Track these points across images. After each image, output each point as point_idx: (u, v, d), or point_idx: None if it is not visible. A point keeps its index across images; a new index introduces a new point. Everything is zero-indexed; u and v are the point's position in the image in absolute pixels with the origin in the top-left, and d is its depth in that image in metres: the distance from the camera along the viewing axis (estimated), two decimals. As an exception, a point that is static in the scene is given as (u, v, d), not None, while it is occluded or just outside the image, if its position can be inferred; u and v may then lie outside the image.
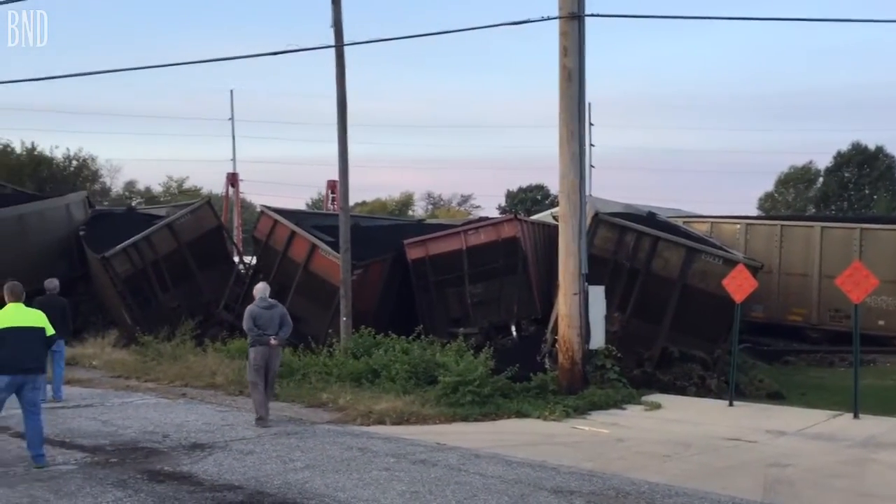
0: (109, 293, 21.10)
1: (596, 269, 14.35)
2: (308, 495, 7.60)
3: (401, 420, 11.41)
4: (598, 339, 13.70)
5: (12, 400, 8.82)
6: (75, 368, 15.25)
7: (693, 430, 10.95)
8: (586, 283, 13.55)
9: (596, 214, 16.34)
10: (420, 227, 24.86)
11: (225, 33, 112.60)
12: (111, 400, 13.04)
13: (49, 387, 12.87)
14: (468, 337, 16.71)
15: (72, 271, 22.75)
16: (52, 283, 13.48)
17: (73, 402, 12.63)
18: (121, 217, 26.06)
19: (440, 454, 9.36)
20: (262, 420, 11.16)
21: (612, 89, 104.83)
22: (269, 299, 11.68)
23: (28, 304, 20.81)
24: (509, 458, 9.12)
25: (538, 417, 11.68)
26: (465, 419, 11.59)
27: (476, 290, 19.94)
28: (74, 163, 47.68)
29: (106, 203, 43.17)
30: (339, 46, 15.74)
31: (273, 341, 11.32)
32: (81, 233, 23.15)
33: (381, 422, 11.32)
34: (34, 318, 9.05)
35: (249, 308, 11.58)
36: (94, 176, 51.01)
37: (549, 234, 22.90)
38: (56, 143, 63.65)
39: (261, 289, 11.83)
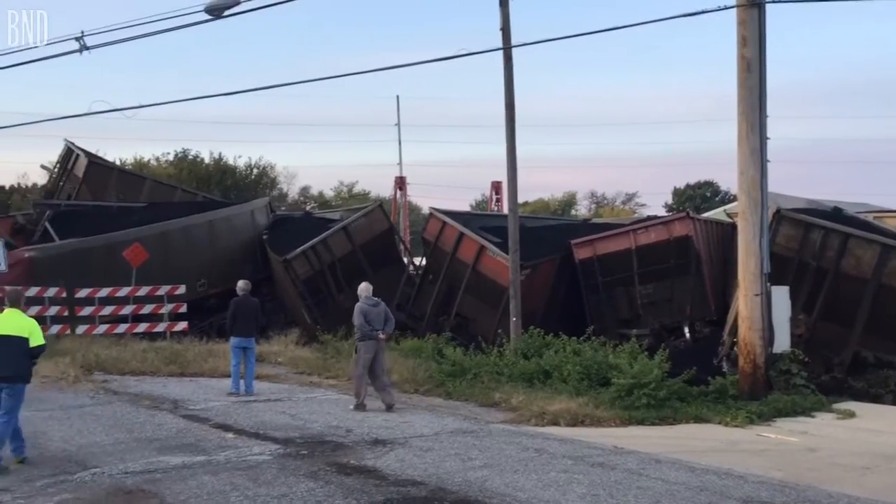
0: (290, 293, 22.30)
1: (778, 269, 13.64)
2: (489, 494, 7.69)
3: (575, 422, 11.32)
4: (782, 343, 12.99)
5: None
6: (263, 365, 16.18)
7: (894, 442, 10.16)
8: (768, 284, 12.89)
9: (778, 211, 15.52)
10: (586, 226, 24.60)
11: (391, 42, 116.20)
12: (297, 395, 13.74)
13: (241, 381, 13.83)
14: (640, 338, 16.33)
15: (256, 273, 24.20)
16: (245, 285, 14.36)
17: (263, 397, 13.42)
18: (299, 221, 27.51)
19: (619, 458, 9.20)
20: (361, 406, 12.21)
21: (782, 78, 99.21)
22: (374, 297, 12.71)
23: (223, 305, 22.26)
24: (692, 465, 8.83)
25: (719, 423, 11.24)
26: (641, 423, 11.34)
27: (646, 291, 19.52)
28: (255, 171, 50.85)
29: (283, 208, 45.61)
30: (507, 49, 15.85)
31: (381, 336, 12.45)
32: (264, 236, 24.64)
33: (555, 423, 11.28)
34: (18, 326, 8.86)
35: (359, 306, 12.51)
36: (273, 183, 54.20)
37: (722, 232, 22.04)
38: (239, 153, 68.00)
39: (365, 288, 12.78)
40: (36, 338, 8.93)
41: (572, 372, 13.40)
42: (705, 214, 28.70)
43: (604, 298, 19.62)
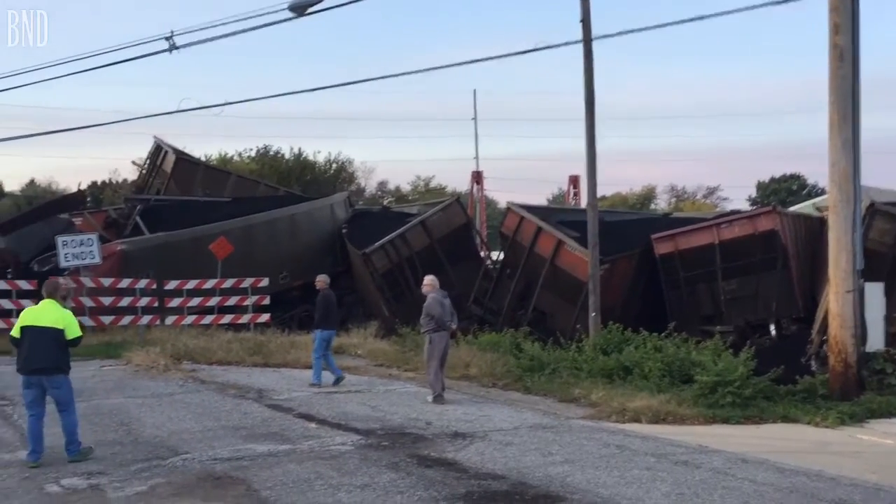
0: (369, 287, 22.58)
1: (872, 265, 13.13)
2: (570, 489, 7.65)
3: (657, 419, 11.14)
4: (876, 341, 12.51)
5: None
6: (343, 357, 16.46)
7: None
8: (862, 280, 12.41)
9: (871, 205, 14.97)
10: (667, 220, 24.14)
11: (469, 36, 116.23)
12: (377, 387, 13.92)
13: (324, 372, 14.07)
14: (723, 335, 15.95)
15: (335, 266, 24.62)
16: (326, 279, 14.58)
17: (344, 388, 13.62)
18: (377, 215, 27.85)
19: (703, 456, 9.02)
20: (440, 398, 12.24)
21: (880, 67, 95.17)
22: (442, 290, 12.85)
23: (304, 297, 22.79)
24: (780, 465, 8.58)
25: (808, 423, 10.89)
26: (725, 421, 11.08)
27: (730, 287, 19.06)
28: (334, 166, 51.59)
29: (361, 203, 46.19)
30: (588, 41, 15.66)
31: (454, 327, 12.92)
32: (344, 230, 25.02)
33: (636, 420, 11.12)
34: (54, 318, 8.73)
35: (434, 297, 12.65)
36: (351, 177, 54.91)
37: (810, 227, 21.33)
38: (318, 149, 69.17)
39: (434, 280, 12.91)
40: (72, 329, 8.78)
41: (653, 368, 13.19)
42: (792, 208, 27.84)
43: (685, 294, 19.25)
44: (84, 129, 19.97)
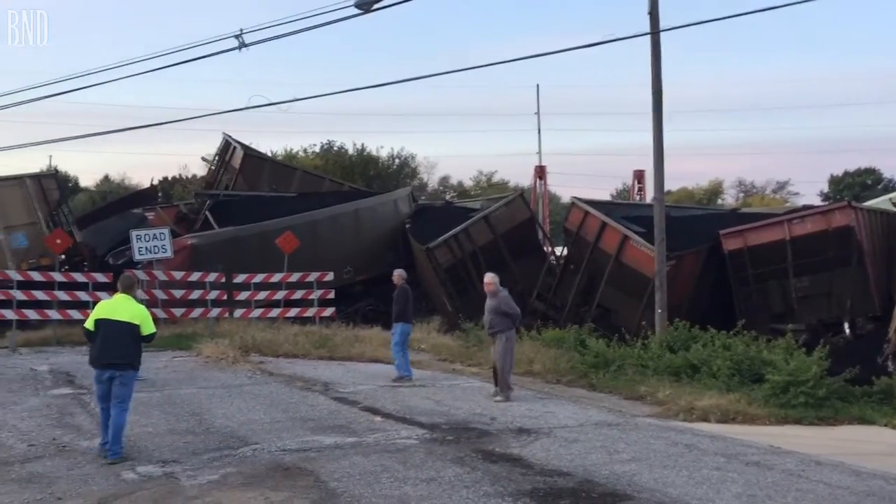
0: (432, 282, 22.68)
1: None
2: (637, 488, 7.55)
3: (726, 418, 10.93)
4: (958, 342, 12.02)
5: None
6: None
7: None
8: (943, 278, 11.94)
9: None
10: (735, 216, 23.60)
11: (531, 29, 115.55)
12: (440, 382, 13.96)
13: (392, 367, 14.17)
14: (795, 334, 15.54)
15: (398, 261, 24.74)
16: (401, 273, 14.58)
17: (407, 383, 13.69)
18: (440, 210, 27.93)
19: (775, 457, 8.81)
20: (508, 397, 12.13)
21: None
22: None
23: (367, 291, 22.95)
24: (857, 468, 8.33)
25: (885, 425, 10.56)
26: (798, 422, 10.81)
27: (801, 284, 18.56)
28: (397, 161, 51.96)
29: (423, 198, 46.40)
30: (655, 33, 15.40)
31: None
32: (407, 225, 25.17)
33: (704, 419, 10.92)
34: (130, 313, 8.67)
35: (507, 294, 12.51)
36: (413, 173, 55.24)
37: (888, 222, 20.63)
38: (381, 144, 69.66)
39: (496, 278, 12.54)
40: (147, 325, 8.74)
41: (722, 367, 12.91)
42: (868, 203, 26.93)
43: (754, 291, 18.80)
44: (155, 126, 20.46)
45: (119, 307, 8.72)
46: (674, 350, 14.42)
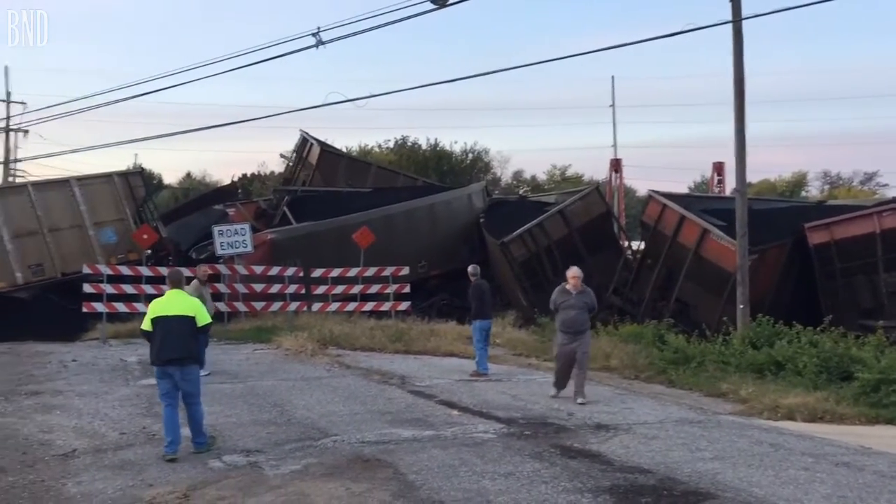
0: (506, 276, 22.63)
1: None
2: (721, 487, 7.39)
3: (813, 417, 10.60)
4: None
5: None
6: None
7: None
8: None
9: None
10: (820, 208, 22.87)
11: (605, 21, 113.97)
12: (516, 376, 13.93)
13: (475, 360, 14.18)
14: (886, 331, 14.94)
15: (473, 255, 24.78)
16: (475, 269, 14.55)
17: (483, 378, 13.69)
18: (514, 205, 27.81)
19: (866, 458, 8.50)
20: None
21: None
22: None
23: (442, 286, 22.92)
24: (956, 472, 7.97)
25: None
26: (890, 422, 10.42)
27: (893, 279, 17.87)
28: (470, 156, 51.95)
29: (497, 192, 46.31)
30: (738, 21, 14.99)
31: None
32: (481, 220, 25.15)
33: (790, 417, 10.62)
34: (184, 306, 8.63)
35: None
36: (487, 167, 55.14)
37: None
38: (454, 139, 69.92)
39: (581, 273, 12.09)
40: (202, 316, 8.69)
41: (808, 364, 12.54)
42: (963, 194, 25.67)
43: (841, 287, 18.18)
44: (235, 124, 20.94)
45: (172, 302, 8.65)
46: (757, 346, 14.07)
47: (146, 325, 8.67)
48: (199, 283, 13.76)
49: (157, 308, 8.65)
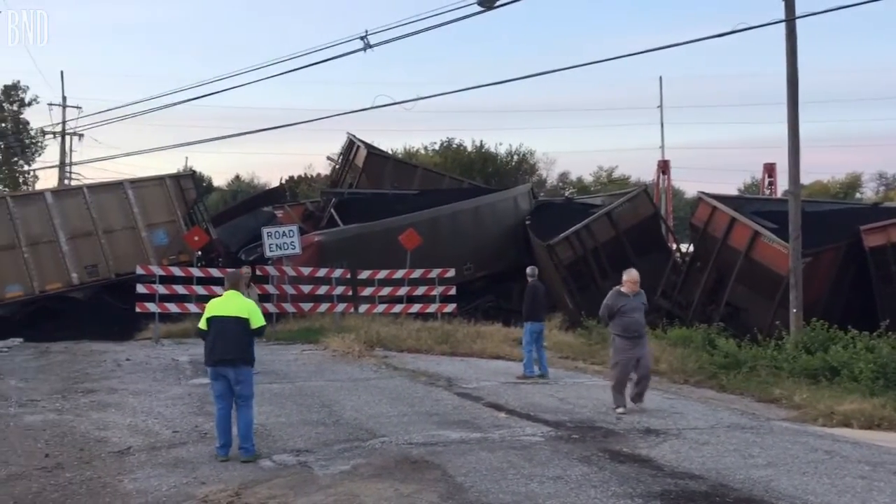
0: (553, 278, 22.49)
1: None
2: (776, 495, 7.24)
3: (870, 424, 10.37)
4: None
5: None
6: (527, 348, 16.50)
7: None
8: None
9: None
10: (876, 210, 22.31)
11: (652, 21, 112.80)
12: (563, 379, 13.84)
13: (522, 363, 14.12)
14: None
15: (518, 258, 24.72)
16: (532, 270, 14.46)
17: (530, 380, 13.63)
18: (560, 207, 27.69)
19: (927, 468, 8.26)
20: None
21: None
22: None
23: (487, 288, 22.80)
24: None
25: None
26: (951, 431, 10.11)
27: (952, 283, 17.34)
28: (515, 157, 51.83)
29: (542, 194, 46.11)
30: (791, 20, 14.71)
31: None
32: (527, 222, 25.05)
33: (846, 424, 10.39)
34: (239, 308, 8.63)
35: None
36: (532, 169, 54.95)
37: None
38: (500, 141, 69.83)
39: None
40: (256, 319, 8.69)
41: (865, 370, 12.26)
42: None
43: (899, 290, 17.71)
44: (283, 128, 21.22)
45: (228, 303, 8.70)
46: (811, 351, 13.81)
47: (202, 324, 8.78)
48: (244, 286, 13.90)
49: (213, 308, 8.73)
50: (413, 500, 7.02)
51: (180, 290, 18.96)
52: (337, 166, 32.49)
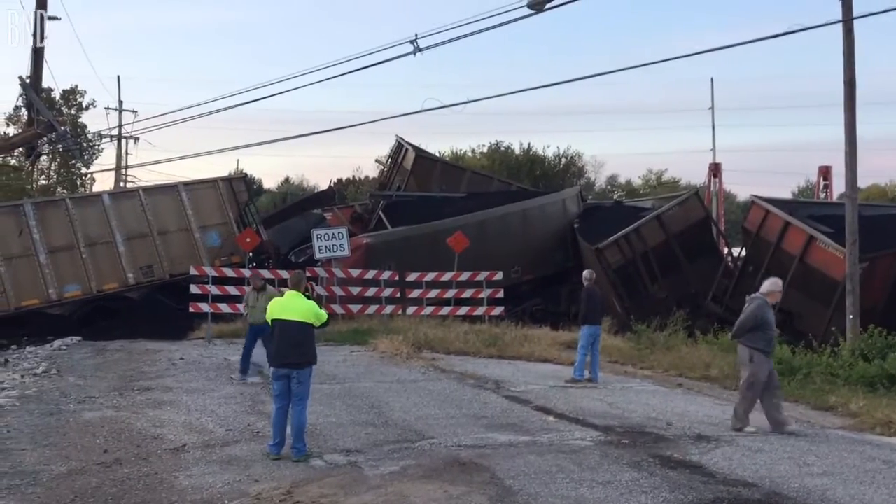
0: (601, 282, 22.30)
1: None
2: (831, 504, 7.11)
3: (930, 434, 10.06)
4: None
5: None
6: (576, 352, 16.39)
7: None
8: None
9: None
10: (939, 214, 21.71)
11: (703, 22, 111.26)
12: (612, 384, 13.72)
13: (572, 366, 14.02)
14: None
15: (566, 261, 24.64)
16: (589, 274, 14.31)
17: (579, 384, 13.54)
18: (609, 210, 27.48)
19: None
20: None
21: None
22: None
23: (535, 291, 22.59)
24: None
25: None
26: None
27: None
28: (563, 160, 51.60)
29: (591, 197, 45.80)
30: (848, 20, 14.40)
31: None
32: (575, 225, 24.92)
33: (905, 433, 10.11)
34: (302, 309, 8.74)
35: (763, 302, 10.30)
36: (580, 171, 54.67)
37: None
38: (547, 143, 69.53)
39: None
40: (319, 318, 8.86)
41: (925, 378, 11.93)
42: None
43: (961, 296, 17.21)
44: (332, 131, 21.42)
45: (290, 305, 8.81)
46: (868, 359, 13.49)
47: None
48: (254, 290, 14.00)
49: (275, 310, 8.87)
50: (462, 502, 7.05)
51: (232, 290, 19.29)
52: (385, 169, 32.69)
